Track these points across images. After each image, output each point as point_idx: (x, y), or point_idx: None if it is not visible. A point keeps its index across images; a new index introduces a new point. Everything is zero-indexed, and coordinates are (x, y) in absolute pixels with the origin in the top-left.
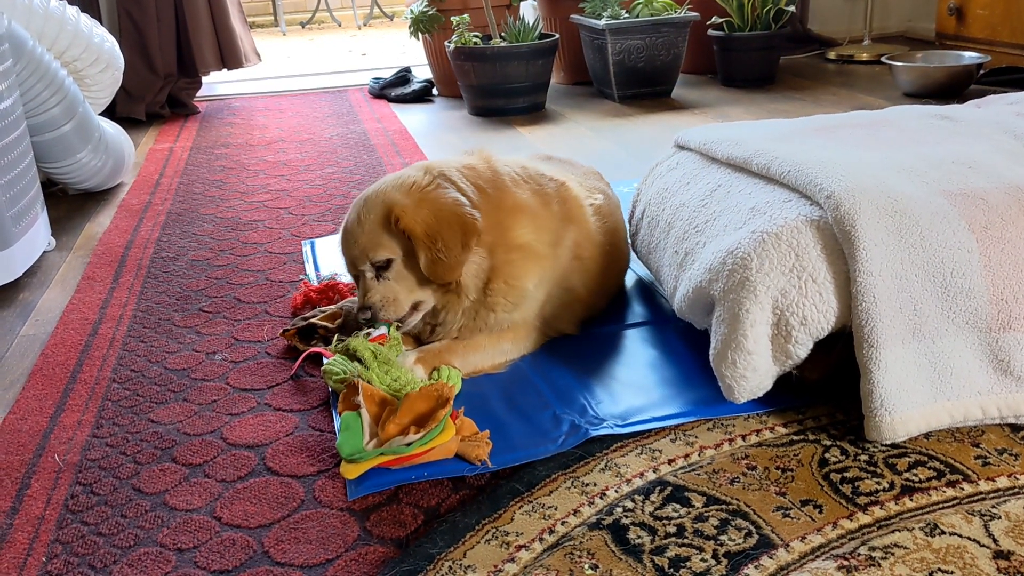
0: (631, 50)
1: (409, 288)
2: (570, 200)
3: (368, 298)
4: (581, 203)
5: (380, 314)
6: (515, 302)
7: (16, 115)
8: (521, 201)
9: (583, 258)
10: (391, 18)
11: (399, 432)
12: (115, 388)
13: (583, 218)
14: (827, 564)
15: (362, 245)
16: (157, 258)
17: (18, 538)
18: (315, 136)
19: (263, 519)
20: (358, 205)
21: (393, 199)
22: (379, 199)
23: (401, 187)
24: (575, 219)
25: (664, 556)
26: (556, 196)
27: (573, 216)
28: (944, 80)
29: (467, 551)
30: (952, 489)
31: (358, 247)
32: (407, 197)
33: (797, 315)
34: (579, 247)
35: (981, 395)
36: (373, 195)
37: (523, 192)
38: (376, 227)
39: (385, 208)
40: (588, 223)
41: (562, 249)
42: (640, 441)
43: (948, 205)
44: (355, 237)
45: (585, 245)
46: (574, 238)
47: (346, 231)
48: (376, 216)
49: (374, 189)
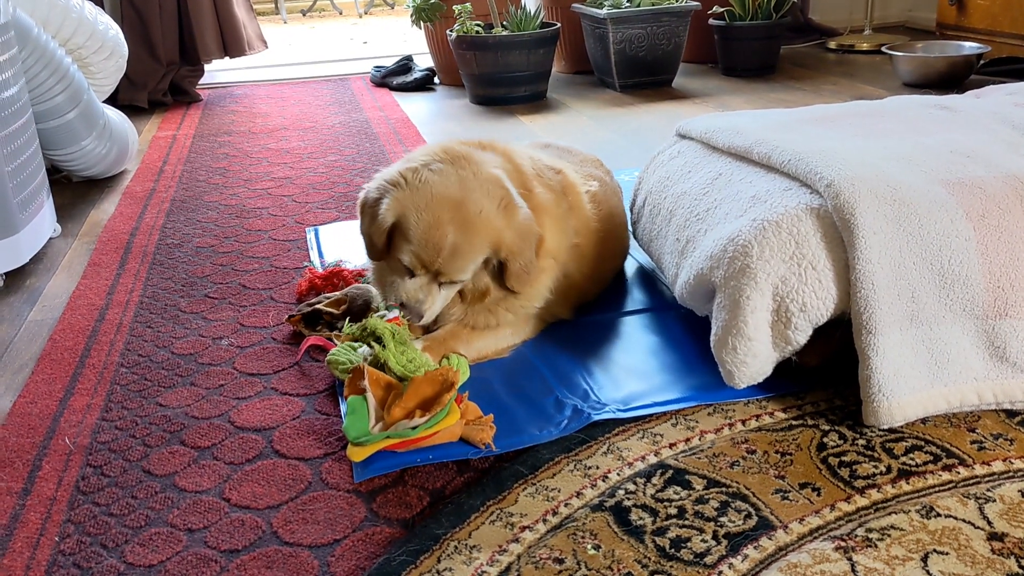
0: (632, 39)
1: (454, 299)
2: (569, 188)
3: (424, 307)
4: (578, 191)
5: (422, 321)
6: (534, 304)
7: (22, 102)
8: (543, 203)
9: (579, 245)
10: (392, 6)
11: (405, 416)
12: (123, 372)
13: (580, 205)
14: (825, 545)
15: (458, 267)
16: (162, 245)
17: (31, 518)
18: (317, 124)
19: (271, 500)
20: (457, 218)
21: (499, 230)
22: (486, 227)
23: (499, 210)
24: (574, 207)
25: (665, 537)
26: (560, 189)
27: (572, 205)
28: (944, 70)
29: (472, 532)
30: (948, 473)
31: (454, 267)
32: (507, 224)
33: (797, 302)
34: (576, 234)
35: (977, 381)
36: (477, 219)
37: (542, 191)
38: (480, 253)
39: (494, 242)
40: (585, 210)
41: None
42: (641, 425)
43: (946, 194)
44: (455, 256)
45: (582, 232)
46: (572, 226)
47: (440, 245)
48: (482, 245)
49: (472, 206)
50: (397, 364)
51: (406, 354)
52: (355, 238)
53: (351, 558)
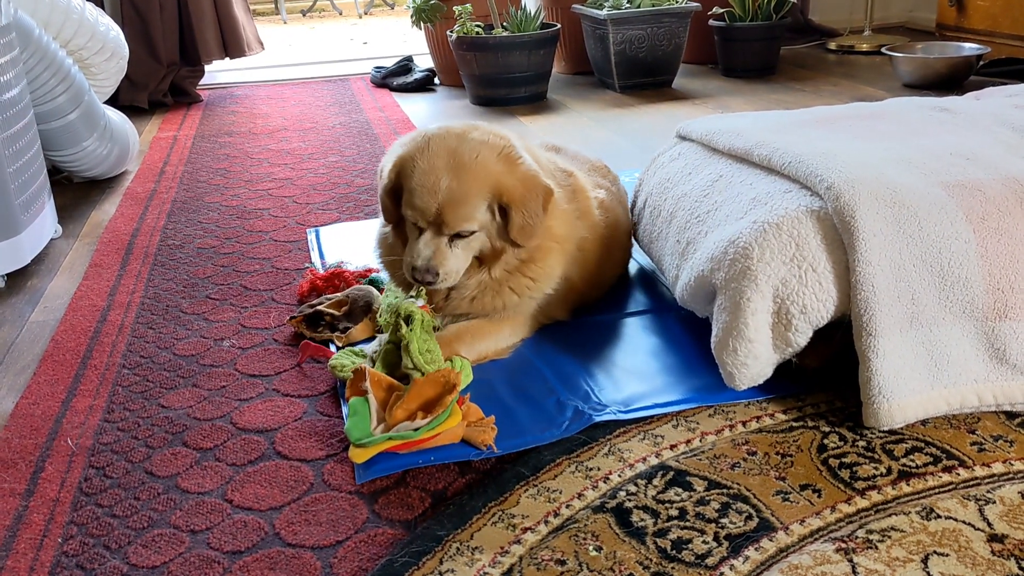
0: (632, 40)
1: (467, 260)
2: (579, 192)
3: (440, 264)
4: (588, 195)
5: (442, 283)
6: (541, 289)
7: (23, 104)
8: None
9: (584, 250)
10: (392, 6)
11: (407, 417)
12: (125, 374)
13: (589, 212)
14: (826, 547)
15: (459, 214)
16: (164, 246)
17: (34, 519)
18: (318, 125)
19: (274, 502)
20: (452, 165)
21: (498, 174)
22: (483, 171)
23: (498, 158)
24: (582, 211)
25: (667, 538)
26: (570, 188)
27: (581, 211)
28: (944, 71)
29: (474, 533)
30: (948, 474)
31: (454, 214)
32: (506, 170)
33: (797, 304)
34: (582, 239)
35: (977, 383)
36: (472, 163)
37: (552, 183)
38: (479, 200)
39: (491, 184)
40: (592, 215)
41: (571, 243)
42: (643, 427)
43: (946, 196)
44: (453, 203)
45: (588, 238)
46: (580, 232)
47: (438, 191)
48: (480, 188)
49: (468, 152)
50: (417, 350)
51: (427, 343)
52: (356, 239)
53: (353, 559)
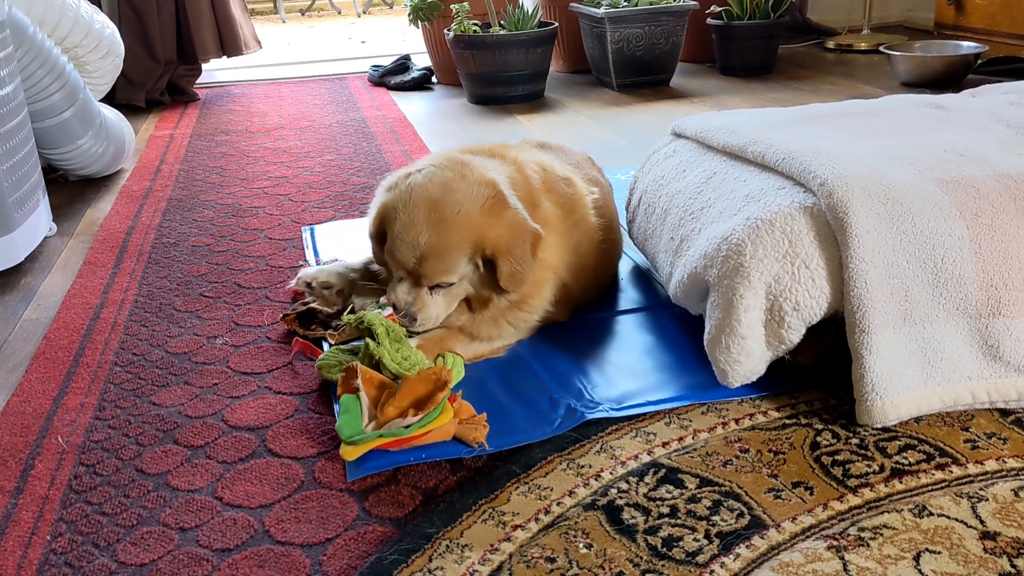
0: (630, 39)
1: (450, 304)
2: (577, 199)
3: (419, 312)
4: (585, 201)
5: (420, 328)
6: (527, 321)
7: (18, 101)
8: (550, 216)
9: (581, 255)
10: (391, 5)
11: (398, 415)
12: (117, 371)
13: (587, 218)
14: (817, 544)
15: (436, 268)
16: (158, 244)
17: (23, 517)
18: (315, 123)
19: (264, 499)
20: (432, 216)
21: (480, 227)
22: (464, 224)
23: (482, 210)
24: (580, 221)
25: (657, 536)
26: (570, 204)
27: (579, 219)
28: (942, 70)
29: (464, 531)
30: (941, 472)
31: (430, 267)
32: (490, 222)
33: (790, 301)
34: (579, 246)
35: (971, 380)
36: (454, 216)
37: (549, 206)
38: (458, 255)
39: (472, 238)
40: (590, 222)
41: (569, 253)
42: (635, 424)
43: (940, 193)
44: (431, 257)
45: (584, 243)
46: (577, 239)
47: (416, 244)
48: (459, 242)
49: (451, 204)
50: (392, 361)
51: (401, 351)
52: (351, 237)
53: (343, 557)
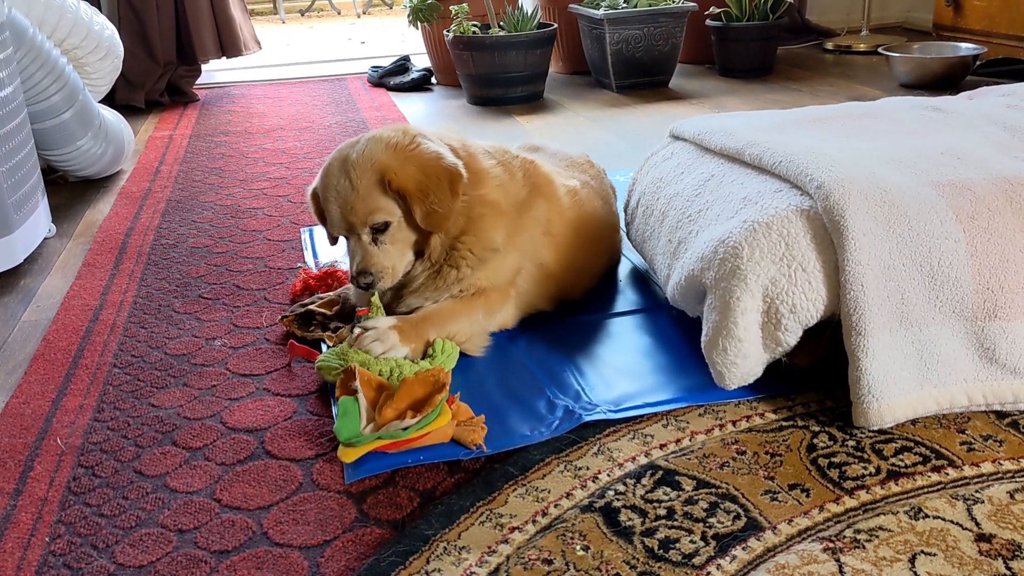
0: (629, 40)
1: (402, 252)
2: (539, 176)
3: (370, 264)
4: (551, 180)
5: (379, 283)
6: (480, 257)
7: (17, 103)
8: (487, 166)
9: (554, 235)
10: (390, 6)
11: (396, 417)
12: (116, 373)
13: (554, 195)
14: (813, 546)
15: (360, 210)
16: (157, 245)
17: (22, 518)
18: (314, 124)
19: (262, 501)
20: (343, 167)
21: (384, 162)
22: (368, 162)
23: (386, 148)
24: (544, 193)
25: (654, 538)
26: (521, 169)
27: (542, 190)
28: (940, 71)
29: (462, 532)
30: (937, 474)
31: (355, 212)
32: (395, 157)
33: (787, 303)
34: (550, 223)
35: (967, 382)
36: (359, 158)
37: (490, 161)
38: (372, 190)
39: (378, 172)
40: (559, 201)
41: (529, 219)
42: (632, 426)
43: (936, 196)
44: (350, 201)
45: (556, 222)
46: (543, 212)
47: (338, 194)
48: (369, 179)
49: (357, 151)
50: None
51: (379, 364)
52: None
53: (341, 559)
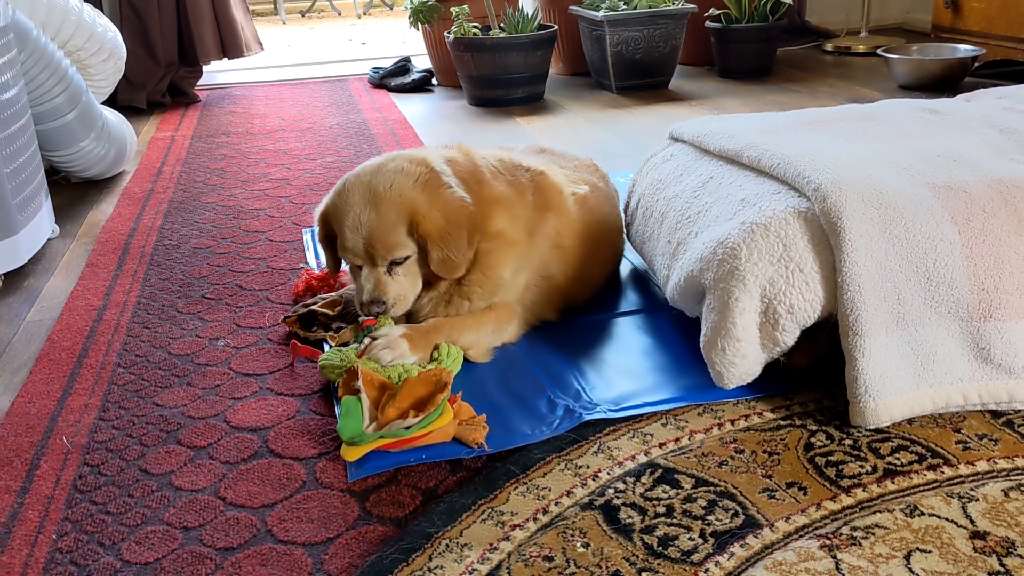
0: (629, 41)
1: (414, 284)
2: (548, 188)
3: (383, 293)
4: (561, 191)
5: (391, 311)
6: (491, 291)
7: (21, 104)
8: (497, 193)
9: (563, 246)
10: (391, 7)
11: (398, 416)
12: (120, 372)
13: (563, 206)
14: (810, 543)
15: (384, 243)
16: (160, 245)
17: (29, 516)
18: (315, 125)
19: (266, 499)
20: (370, 199)
21: (414, 202)
22: (398, 198)
23: (415, 186)
24: (553, 207)
25: (653, 535)
26: (531, 186)
27: (551, 204)
28: (939, 72)
29: (463, 530)
30: (933, 473)
31: (378, 246)
32: (424, 200)
33: (785, 304)
34: (559, 235)
35: (962, 382)
36: (388, 192)
37: (499, 184)
38: (398, 227)
39: (408, 212)
40: (568, 211)
41: (539, 237)
42: (632, 425)
43: (932, 197)
44: (375, 235)
45: (565, 233)
46: (553, 226)
47: (361, 224)
48: (397, 216)
49: (383, 183)
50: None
51: (385, 372)
52: None
53: (344, 556)
